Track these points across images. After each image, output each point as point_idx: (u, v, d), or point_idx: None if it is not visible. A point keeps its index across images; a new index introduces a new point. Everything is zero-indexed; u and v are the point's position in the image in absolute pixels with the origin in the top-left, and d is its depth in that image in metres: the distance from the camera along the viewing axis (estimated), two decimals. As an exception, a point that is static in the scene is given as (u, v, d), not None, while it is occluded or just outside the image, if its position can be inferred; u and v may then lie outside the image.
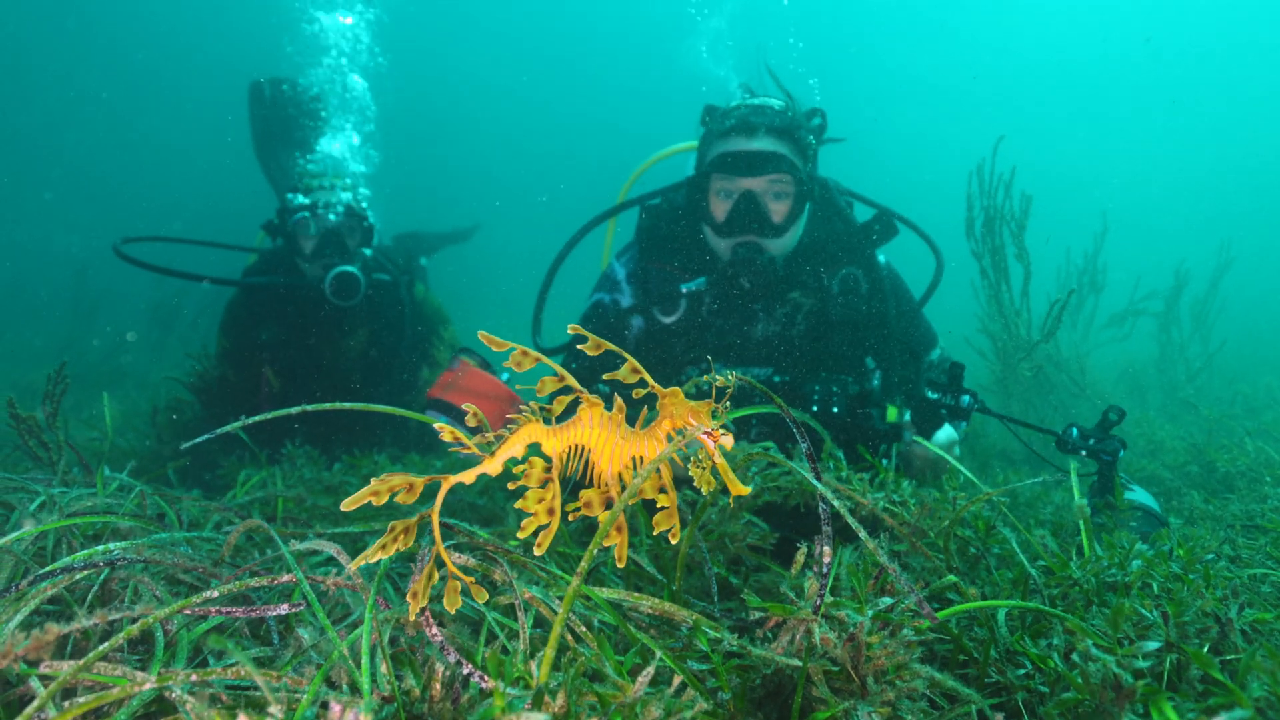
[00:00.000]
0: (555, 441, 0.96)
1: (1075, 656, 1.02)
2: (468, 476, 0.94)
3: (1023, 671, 1.08)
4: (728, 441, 0.90)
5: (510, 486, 0.92)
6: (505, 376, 2.64)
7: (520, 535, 0.83)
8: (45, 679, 0.75)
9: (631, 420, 1.00)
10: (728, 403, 0.93)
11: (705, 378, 1.19)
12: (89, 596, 1.02)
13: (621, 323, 2.67)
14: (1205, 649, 1.18)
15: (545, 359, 0.93)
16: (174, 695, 0.64)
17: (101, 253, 3.60)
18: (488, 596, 0.88)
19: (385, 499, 0.82)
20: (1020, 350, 4.84)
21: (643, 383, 0.92)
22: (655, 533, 0.84)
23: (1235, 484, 3.13)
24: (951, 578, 1.19)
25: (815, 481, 0.95)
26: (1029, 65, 38.74)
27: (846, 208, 2.78)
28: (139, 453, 3.48)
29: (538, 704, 0.66)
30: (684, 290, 2.57)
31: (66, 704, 0.77)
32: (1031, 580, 1.31)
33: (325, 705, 0.64)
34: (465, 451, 0.89)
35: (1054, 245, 4.66)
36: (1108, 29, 36.55)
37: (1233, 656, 1.17)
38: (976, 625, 1.19)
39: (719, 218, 2.52)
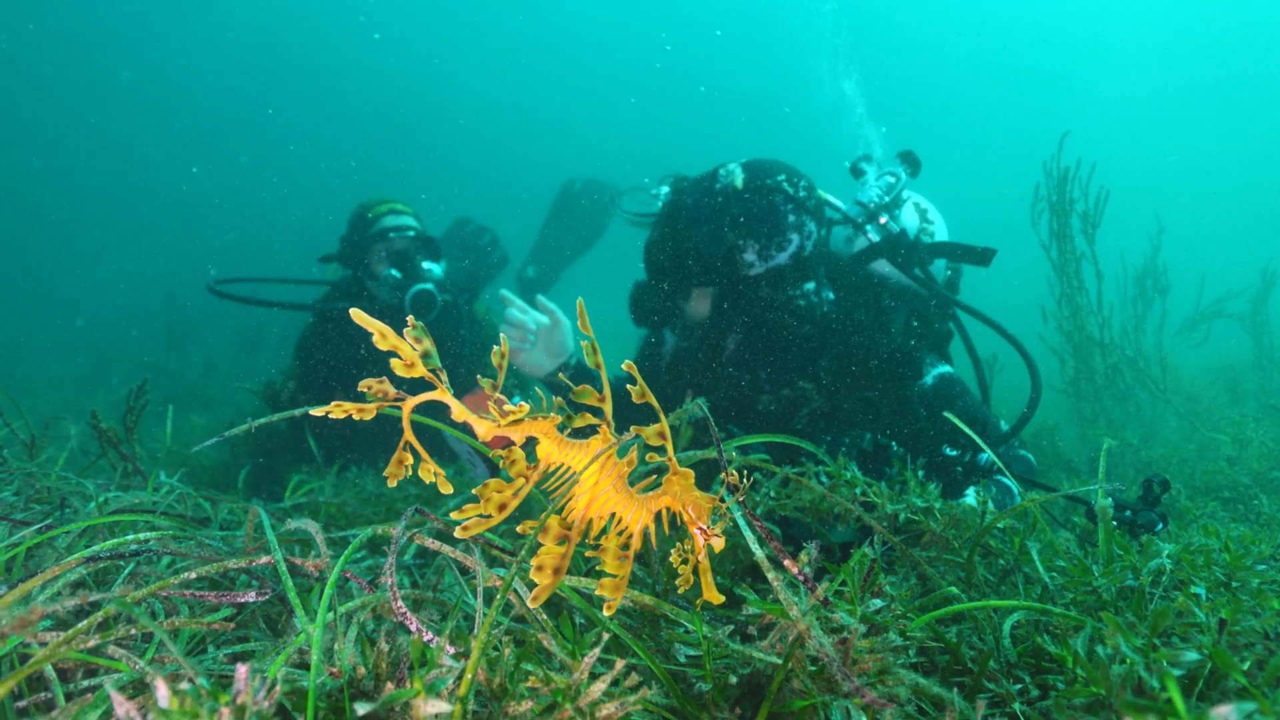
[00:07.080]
0: (555, 450, 0.92)
1: (1100, 651, 0.97)
2: (456, 406, 0.92)
3: (1019, 687, 1.03)
4: (718, 544, 0.88)
5: (494, 455, 0.92)
6: (517, 400, 2.68)
7: (454, 515, 0.85)
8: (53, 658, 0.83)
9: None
10: (734, 504, 0.90)
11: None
12: (113, 588, 1.11)
13: (660, 346, 2.69)
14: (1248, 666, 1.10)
15: (603, 373, 0.89)
16: (138, 666, 0.70)
17: (190, 282, 3.89)
18: (452, 489, 0.91)
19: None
20: (1080, 331, 4.68)
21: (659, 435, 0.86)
22: (597, 593, 0.84)
23: (1327, 491, 2.89)
24: (953, 589, 1.14)
25: (733, 507, 0.94)
26: (1084, 60, 37.12)
27: (912, 318, 2.55)
28: (214, 466, 3.72)
29: (464, 688, 0.68)
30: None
31: (85, 683, 0.84)
32: (1048, 589, 1.25)
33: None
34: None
35: (1110, 246, 4.49)
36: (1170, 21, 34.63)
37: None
38: (978, 637, 1.15)
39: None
